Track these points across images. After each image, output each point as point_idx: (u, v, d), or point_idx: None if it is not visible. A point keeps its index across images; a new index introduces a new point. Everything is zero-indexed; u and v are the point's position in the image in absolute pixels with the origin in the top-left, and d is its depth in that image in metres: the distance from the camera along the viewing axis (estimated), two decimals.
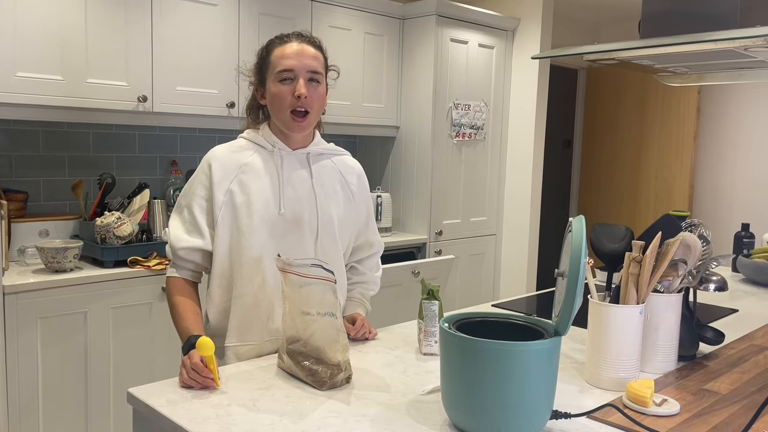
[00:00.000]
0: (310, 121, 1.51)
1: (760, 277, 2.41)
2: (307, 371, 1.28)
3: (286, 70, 1.47)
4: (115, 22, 2.56)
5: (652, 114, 4.70)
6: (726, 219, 4.46)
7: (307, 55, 1.48)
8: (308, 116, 1.50)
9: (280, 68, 1.47)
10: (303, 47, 1.49)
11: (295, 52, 1.48)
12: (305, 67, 1.47)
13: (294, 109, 1.48)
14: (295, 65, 1.47)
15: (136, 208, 2.67)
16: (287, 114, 1.49)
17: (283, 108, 1.49)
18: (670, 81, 2.30)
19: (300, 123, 1.49)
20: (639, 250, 1.35)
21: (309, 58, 1.48)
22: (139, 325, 2.51)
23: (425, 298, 1.51)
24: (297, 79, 1.47)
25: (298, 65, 1.47)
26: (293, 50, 1.48)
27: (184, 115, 2.81)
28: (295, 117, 1.48)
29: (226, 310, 1.52)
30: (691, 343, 1.48)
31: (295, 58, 1.47)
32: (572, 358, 1.51)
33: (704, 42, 1.62)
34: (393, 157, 3.75)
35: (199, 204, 1.51)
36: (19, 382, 2.23)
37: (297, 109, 1.48)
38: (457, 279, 3.79)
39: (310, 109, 1.49)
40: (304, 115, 1.49)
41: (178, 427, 1.10)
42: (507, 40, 3.88)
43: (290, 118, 1.49)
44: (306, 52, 1.49)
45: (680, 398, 1.25)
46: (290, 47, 1.49)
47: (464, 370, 1.04)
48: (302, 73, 1.47)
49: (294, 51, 1.48)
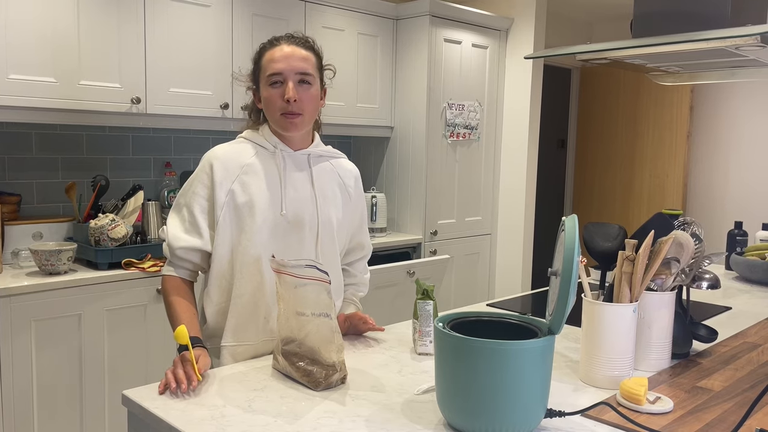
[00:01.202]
0: (304, 121, 1.51)
1: (753, 275, 2.42)
2: (302, 372, 1.29)
3: (275, 74, 1.47)
4: (108, 24, 2.56)
5: (646, 113, 4.72)
6: (719, 217, 4.48)
7: (296, 57, 1.48)
8: (300, 117, 1.49)
9: (269, 72, 1.48)
10: (293, 49, 1.49)
11: (284, 55, 1.48)
12: (294, 69, 1.47)
13: (284, 113, 1.48)
14: (283, 68, 1.47)
15: (131, 209, 2.67)
16: (278, 116, 1.49)
17: (274, 111, 1.49)
18: (663, 80, 2.31)
19: (293, 120, 1.49)
20: (632, 248, 1.36)
21: (298, 60, 1.48)
22: (134, 327, 2.50)
23: (420, 298, 1.51)
24: (286, 82, 1.47)
25: (287, 68, 1.47)
26: (282, 53, 1.48)
27: (178, 117, 2.80)
28: (287, 116, 1.49)
29: (224, 310, 1.52)
30: (684, 340, 1.49)
31: (283, 61, 1.47)
32: (567, 357, 1.51)
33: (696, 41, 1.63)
34: (387, 158, 3.75)
35: (200, 204, 1.50)
36: (14, 385, 2.23)
37: (288, 112, 1.48)
38: (453, 279, 3.79)
39: (302, 111, 1.49)
40: (295, 116, 1.49)
41: (173, 428, 1.10)
42: (500, 40, 3.89)
43: (282, 119, 1.49)
44: (295, 54, 1.49)
45: (674, 396, 1.26)
46: (279, 50, 1.49)
47: (459, 369, 1.04)
48: (291, 76, 1.47)
49: (283, 54, 1.48)
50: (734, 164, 4.42)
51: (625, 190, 4.86)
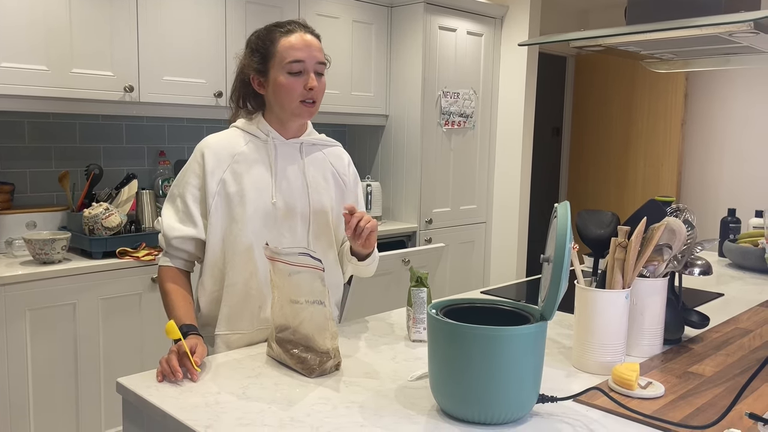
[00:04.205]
0: (316, 110, 1.53)
1: (745, 262, 2.43)
2: (296, 359, 1.29)
3: (297, 62, 1.46)
4: (100, 12, 2.54)
5: (640, 100, 4.72)
6: (713, 204, 4.49)
7: (314, 47, 1.49)
8: (315, 105, 1.52)
9: (291, 59, 1.46)
10: (309, 38, 1.49)
11: (306, 43, 1.48)
12: (314, 58, 1.48)
13: (303, 100, 1.49)
14: (305, 57, 1.47)
15: (125, 198, 2.66)
16: (296, 104, 1.49)
17: (292, 98, 1.49)
18: (657, 67, 2.31)
19: (310, 109, 1.51)
20: (624, 235, 1.36)
21: (316, 50, 1.49)
22: (129, 315, 2.51)
23: (414, 285, 1.52)
24: (307, 72, 1.48)
25: (308, 57, 1.47)
26: (301, 41, 1.47)
27: (172, 105, 2.79)
28: (306, 104, 1.50)
29: (217, 299, 1.53)
30: (676, 327, 1.50)
31: (304, 49, 1.47)
32: (559, 344, 1.52)
33: (689, 28, 1.62)
34: (382, 146, 3.75)
35: (192, 193, 1.50)
36: (9, 374, 2.23)
37: (306, 100, 1.49)
38: (448, 267, 3.80)
39: (317, 100, 1.51)
40: (312, 103, 1.51)
41: (167, 415, 1.10)
42: (495, 27, 3.87)
43: (300, 106, 1.50)
44: (313, 43, 1.49)
45: (665, 381, 1.27)
46: (297, 38, 1.48)
47: (451, 355, 1.05)
48: (312, 65, 1.48)
49: (302, 42, 1.48)
50: (728, 152, 4.43)
51: (620, 178, 4.87)
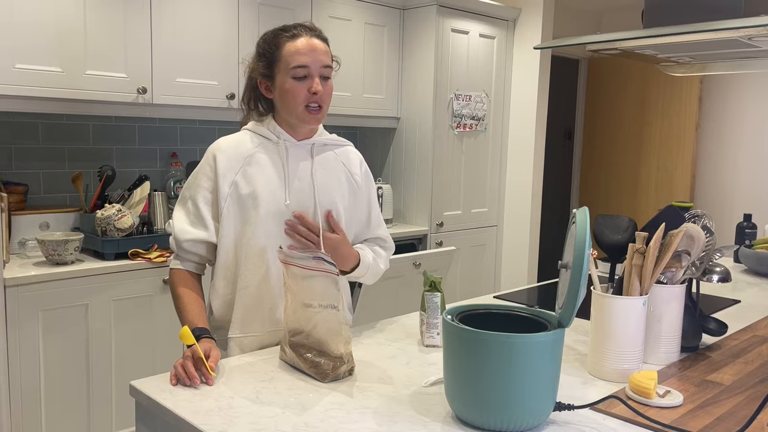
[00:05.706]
0: (323, 113, 1.52)
1: (762, 268, 2.40)
2: (309, 363, 1.28)
3: (301, 67, 1.46)
4: (114, 14, 2.55)
5: (654, 104, 4.68)
6: (728, 210, 4.45)
7: (319, 51, 1.48)
8: (321, 110, 1.51)
9: (295, 64, 1.46)
10: (314, 42, 1.48)
11: (310, 47, 1.47)
12: (319, 63, 1.48)
13: (308, 105, 1.48)
14: (309, 62, 1.46)
15: (137, 200, 2.67)
16: (301, 109, 1.48)
17: (297, 103, 1.48)
18: (673, 71, 2.29)
19: (316, 115, 1.50)
20: (642, 241, 1.34)
21: (321, 54, 1.48)
22: (141, 317, 2.51)
23: (427, 290, 1.51)
24: (311, 76, 1.47)
25: (312, 62, 1.47)
26: (306, 46, 1.47)
27: (184, 107, 2.79)
28: (311, 110, 1.49)
29: (230, 302, 1.52)
30: (694, 334, 1.48)
31: (309, 54, 1.46)
32: (575, 350, 1.50)
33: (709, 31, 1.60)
34: (394, 149, 3.74)
35: (204, 196, 1.50)
36: (21, 375, 2.24)
37: (311, 104, 1.48)
38: (458, 270, 3.78)
39: (323, 104, 1.50)
40: (318, 108, 1.50)
41: (181, 420, 1.10)
42: (508, 30, 3.86)
43: (305, 111, 1.49)
44: (319, 47, 1.48)
45: (683, 389, 1.25)
46: (302, 42, 1.47)
47: (467, 362, 1.04)
48: (317, 69, 1.47)
49: (308, 46, 1.47)
50: (743, 156, 4.39)
51: (633, 182, 4.84)
